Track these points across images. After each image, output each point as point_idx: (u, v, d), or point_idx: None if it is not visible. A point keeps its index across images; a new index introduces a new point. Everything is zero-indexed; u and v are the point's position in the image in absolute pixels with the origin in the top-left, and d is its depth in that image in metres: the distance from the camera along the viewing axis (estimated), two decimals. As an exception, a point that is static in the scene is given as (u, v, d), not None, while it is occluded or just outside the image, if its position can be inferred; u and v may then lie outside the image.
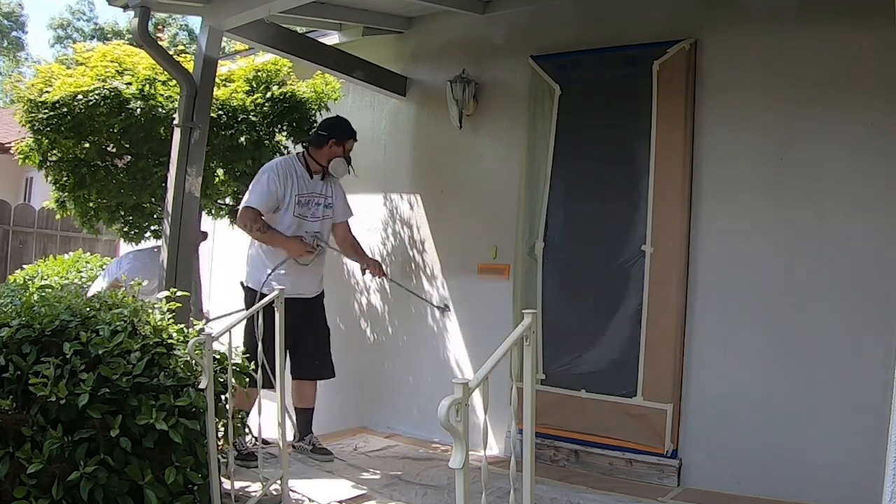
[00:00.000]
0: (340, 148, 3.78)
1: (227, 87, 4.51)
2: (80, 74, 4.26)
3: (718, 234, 3.56)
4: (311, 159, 3.79)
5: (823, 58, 3.31)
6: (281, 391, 3.03)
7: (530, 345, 1.98)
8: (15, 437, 2.37)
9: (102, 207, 4.55)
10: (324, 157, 3.77)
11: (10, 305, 2.69)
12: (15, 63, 24.77)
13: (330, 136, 3.76)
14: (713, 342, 3.52)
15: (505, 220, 4.20)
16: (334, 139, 3.76)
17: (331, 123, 3.88)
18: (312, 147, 3.80)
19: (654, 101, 3.67)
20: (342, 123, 3.88)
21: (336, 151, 3.76)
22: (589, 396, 3.77)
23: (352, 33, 4.80)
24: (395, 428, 4.58)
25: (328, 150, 3.76)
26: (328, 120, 3.97)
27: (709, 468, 3.46)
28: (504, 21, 4.32)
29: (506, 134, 4.28)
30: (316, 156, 3.78)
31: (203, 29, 3.80)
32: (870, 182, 3.19)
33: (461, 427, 1.62)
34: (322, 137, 3.77)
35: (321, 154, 3.77)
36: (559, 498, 3.22)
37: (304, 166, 3.77)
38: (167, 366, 2.67)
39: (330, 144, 3.75)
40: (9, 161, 7.10)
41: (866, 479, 2.34)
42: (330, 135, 3.76)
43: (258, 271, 3.69)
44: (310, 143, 3.84)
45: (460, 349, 4.43)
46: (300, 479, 3.33)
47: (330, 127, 3.83)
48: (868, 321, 3.11)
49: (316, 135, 3.82)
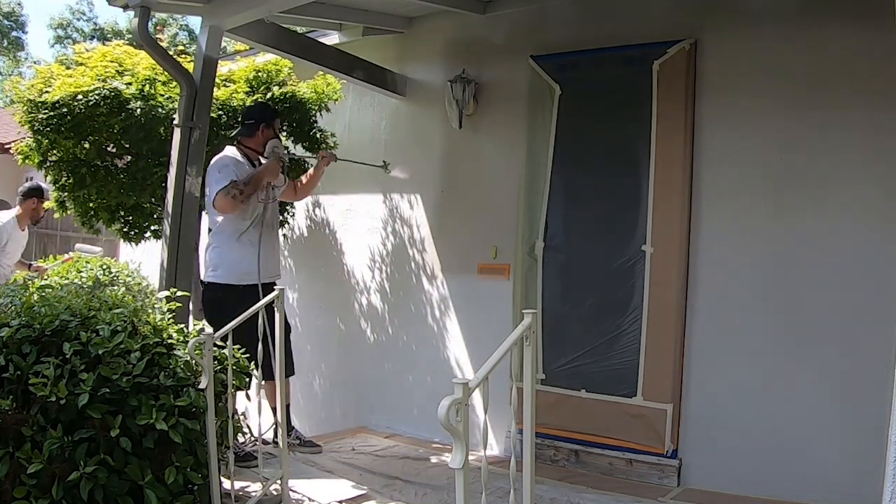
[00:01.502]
0: (271, 130, 3.83)
1: (227, 87, 4.51)
2: (80, 75, 4.26)
3: (718, 234, 3.56)
4: (248, 149, 3.80)
5: (824, 58, 3.31)
6: (281, 390, 3.03)
7: (530, 345, 1.98)
8: (15, 437, 2.37)
9: (102, 207, 4.55)
10: (259, 144, 3.80)
11: (10, 305, 2.69)
12: (15, 63, 24.76)
13: (258, 122, 3.80)
14: (713, 342, 3.52)
15: (505, 220, 4.20)
16: (263, 123, 3.80)
17: (253, 111, 3.95)
18: (244, 139, 3.82)
19: (654, 101, 3.67)
20: (262, 107, 4.02)
21: (268, 134, 3.81)
22: (589, 396, 3.77)
23: (352, 33, 4.80)
24: (395, 428, 4.58)
25: (261, 136, 3.80)
26: (249, 110, 4.05)
27: (709, 468, 3.46)
28: (504, 21, 4.32)
29: (506, 134, 4.28)
30: (251, 145, 3.81)
31: (203, 29, 3.80)
32: (870, 182, 3.19)
33: (461, 427, 1.62)
34: (251, 126, 3.81)
35: (255, 142, 3.80)
36: (559, 498, 3.22)
37: (244, 157, 3.77)
38: (167, 366, 2.66)
39: (261, 129, 3.79)
40: (9, 161, 7.09)
41: (866, 479, 2.34)
42: (257, 121, 3.81)
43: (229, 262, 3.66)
44: (240, 136, 3.85)
45: (460, 349, 4.43)
46: (300, 479, 3.33)
47: (254, 114, 3.88)
48: (868, 321, 3.11)
49: (244, 126, 3.86)
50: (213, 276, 3.69)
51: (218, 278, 3.66)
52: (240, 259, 3.65)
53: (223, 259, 3.68)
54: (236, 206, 3.59)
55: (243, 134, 3.85)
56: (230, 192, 3.53)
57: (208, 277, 3.72)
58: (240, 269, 3.64)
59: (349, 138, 4.99)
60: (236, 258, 3.65)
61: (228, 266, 3.66)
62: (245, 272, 3.63)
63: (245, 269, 3.63)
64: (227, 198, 3.53)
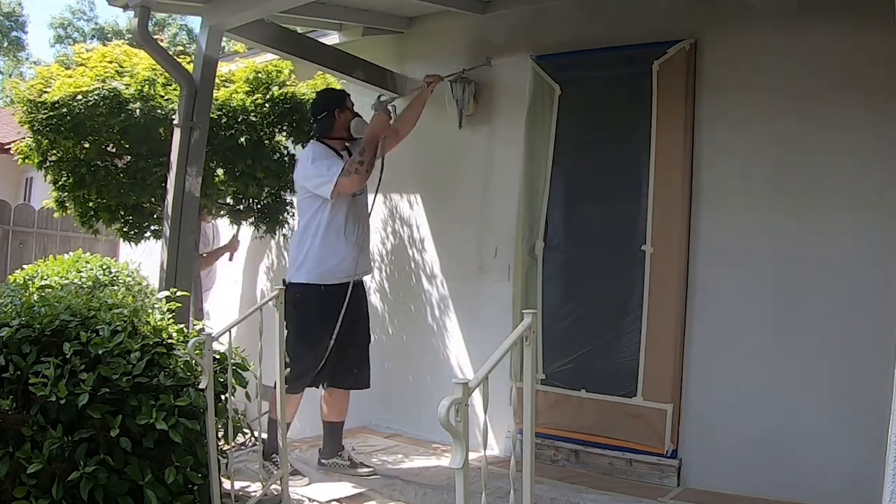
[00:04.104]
0: (347, 111, 3.62)
1: (227, 87, 4.51)
2: (80, 75, 4.26)
3: (719, 234, 3.55)
4: (332, 140, 3.60)
5: (824, 58, 3.31)
6: (281, 390, 3.02)
7: (530, 345, 1.98)
8: (15, 437, 2.37)
9: (102, 207, 4.55)
10: (341, 130, 3.60)
11: (10, 305, 2.69)
12: (15, 63, 24.77)
13: (332, 110, 3.60)
14: (713, 342, 3.52)
15: (505, 220, 4.19)
16: (337, 108, 3.60)
17: (322, 102, 3.71)
18: (324, 133, 3.61)
19: (654, 101, 3.66)
20: (328, 93, 3.88)
21: (346, 117, 3.60)
22: (589, 396, 3.77)
23: (352, 33, 4.79)
24: (395, 428, 4.58)
25: (341, 122, 3.59)
26: (316, 103, 3.77)
27: (709, 468, 3.45)
28: (504, 21, 4.31)
29: (506, 134, 4.28)
30: (334, 135, 3.60)
31: (203, 29, 3.80)
32: (870, 182, 3.19)
33: (461, 427, 1.62)
34: (327, 118, 3.59)
35: (337, 130, 3.60)
36: (559, 498, 3.22)
37: (329, 149, 3.56)
38: (167, 366, 2.67)
39: (337, 116, 3.59)
40: (9, 161, 7.10)
41: (866, 479, 2.34)
42: (331, 109, 3.60)
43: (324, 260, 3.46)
44: (320, 133, 3.63)
45: (460, 349, 4.43)
46: (300, 479, 3.33)
47: (324, 105, 3.65)
48: (868, 321, 3.10)
49: (320, 121, 3.62)
50: (297, 275, 3.47)
51: (301, 278, 3.46)
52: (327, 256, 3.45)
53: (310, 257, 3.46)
54: (363, 180, 3.46)
55: (322, 130, 3.61)
56: (349, 170, 3.35)
57: (293, 277, 3.49)
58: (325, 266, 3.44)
59: (349, 138, 4.98)
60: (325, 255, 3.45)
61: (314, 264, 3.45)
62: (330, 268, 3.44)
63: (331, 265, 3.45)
64: (351, 176, 3.36)
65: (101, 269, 4.52)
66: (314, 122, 3.69)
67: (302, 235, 3.52)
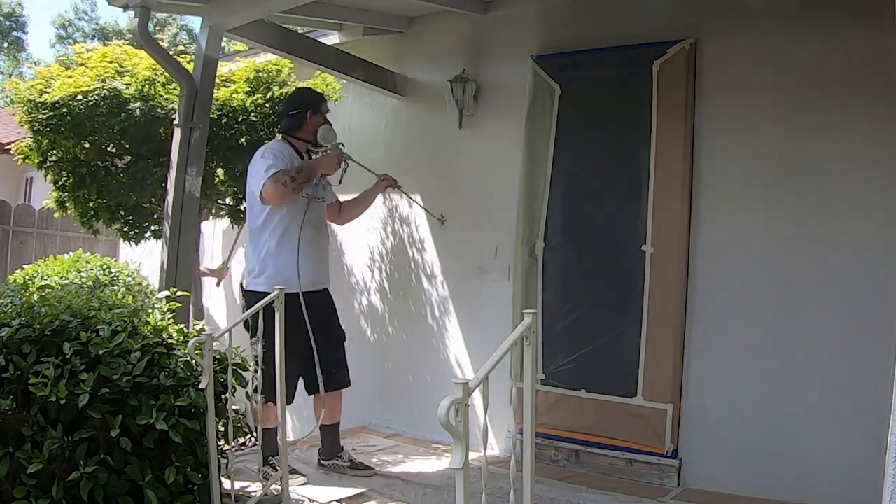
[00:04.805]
0: (319, 115, 3.53)
1: (227, 87, 4.52)
2: (80, 75, 4.27)
3: (718, 234, 3.55)
4: (297, 141, 3.52)
5: (824, 58, 3.31)
6: (281, 389, 3.02)
7: (530, 345, 1.98)
8: (15, 437, 2.37)
9: (102, 207, 4.55)
10: (309, 133, 3.51)
11: (10, 305, 2.69)
12: (15, 63, 24.78)
13: (306, 110, 3.51)
14: (713, 342, 3.52)
15: (505, 220, 4.19)
16: (310, 110, 3.51)
17: (297, 99, 3.65)
18: (290, 130, 3.53)
19: (654, 101, 3.67)
20: (305, 92, 3.81)
21: (317, 121, 3.51)
22: (589, 396, 3.77)
23: (352, 33, 4.80)
24: (395, 428, 4.58)
25: (310, 125, 3.50)
26: (292, 98, 3.69)
27: (709, 468, 3.45)
28: (504, 21, 4.32)
29: (506, 134, 4.27)
30: (300, 135, 3.52)
31: (203, 29, 3.80)
32: (870, 183, 3.19)
33: (461, 427, 1.62)
34: (298, 116, 3.51)
35: (305, 132, 3.51)
36: (559, 498, 3.22)
37: (292, 149, 3.48)
38: (167, 366, 2.66)
39: (309, 117, 3.50)
40: (9, 161, 7.11)
41: (866, 480, 2.34)
42: (304, 109, 3.52)
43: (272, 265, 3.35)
44: (288, 128, 3.55)
45: (460, 349, 4.43)
46: (300, 479, 3.33)
47: (299, 102, 3.59)
48: (868, 322, 3.10)
49: (290, 117, 3.54)
50: (255, 282, 3.37)
51: (260, 286, 3.32)
52: (284, 265, 3.32)
53: (266, 264, 3.36)
54: (286, 196, 3.27)
55: (290, 126, 3.53)
56: (280, 178, 3.22)
57: (250, 284, 3.40)
58: (283, 276, 3.27)
59: (349, 138, 4.93)
60: (281, 263, 3.33)
61: (272, 272, 3.33)
62: (288, 279, 3.25)
63: (288, 276, 3.27)
64: (277, 184, 3.22)
65: (101, 269, 4.52)
66: (284, 115, 3.62)
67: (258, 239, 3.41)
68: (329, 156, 3.49)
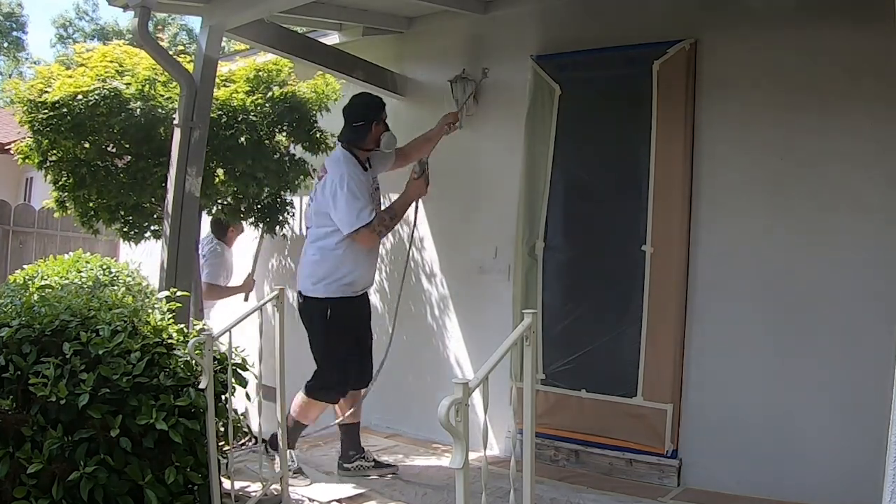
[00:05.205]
0: (382, 124, 3.55)
1: (227, 87, 4.51)
2: (80, 75, 4.26)
3: (718, 233, 3.55)
4: (360, 151, 3.52)
5: (824, 58, 3.31)
6: (281, 389, 3.02)
7: (530, 345, 1.98)
8: (15, 437, 2.37)
9: (102, 207, 4.54)
10: (371, 142, 3.52)
11: (10, 305, 2.69)
12: (15, 63, 24.79)
13: (371, 122, 3.50)
14: (713, 342, 3.52)
15: (505, 220, 4.19)
16: (375, 121, 3.51)
17: (361, 110, 3.56)
18: (356, 142, 3.51)
19: (654, 101, 3.67)
20: (369, 102, 3.62)
21: (380, 130, 3.52)
22: (589, 396, 3.77)
23: (352, 33, 4.79)
24: (395, 428, 4.58)
25: (374, 134, 3.51)
26: (354, 110, 3.58)
27: (709, 468, 3.45)
28: (504, 21, 4.32)
29: (506, 134, 4.27)
30: (364, 146, 3.52)
31: (203, 29, 3.80)
32: (870, 182, 3.19)
33: (461, 427, 1.62)
34: (363, 128, 3.50)
35: (368, 142, 3.52)
36: (559, 498, 3.22)
37: (356, 160, 3.49)
38: (167, 366, 2.67)
39: (373, 128, 3.50)
40: (9, 161, 7.10)
41: (866, 480, 2.34)
42: (368, 120, 3.51)
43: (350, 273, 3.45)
44: (352, 140, 3.52)
45: (460, 349, 4.43)
46: (300, 479, 3.33)
47: (364, 114, 3.53)
48: (868, 321, 3.10)
49: (355, 129, 3.51)
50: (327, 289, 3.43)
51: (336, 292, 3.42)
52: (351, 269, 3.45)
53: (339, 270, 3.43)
54: (380, 239, 3.53)
55: (356, 138, 3.51)
56: (376, 229, 3.37)
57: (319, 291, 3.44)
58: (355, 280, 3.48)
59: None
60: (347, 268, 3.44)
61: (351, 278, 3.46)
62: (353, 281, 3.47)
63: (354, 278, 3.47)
64: (373, 235, 3.39)
65: (101, 269, 4.51)
66: (347, 126, 3.56)
67: (322, 249, 3.46)
68: (416, 183, 3.61)
